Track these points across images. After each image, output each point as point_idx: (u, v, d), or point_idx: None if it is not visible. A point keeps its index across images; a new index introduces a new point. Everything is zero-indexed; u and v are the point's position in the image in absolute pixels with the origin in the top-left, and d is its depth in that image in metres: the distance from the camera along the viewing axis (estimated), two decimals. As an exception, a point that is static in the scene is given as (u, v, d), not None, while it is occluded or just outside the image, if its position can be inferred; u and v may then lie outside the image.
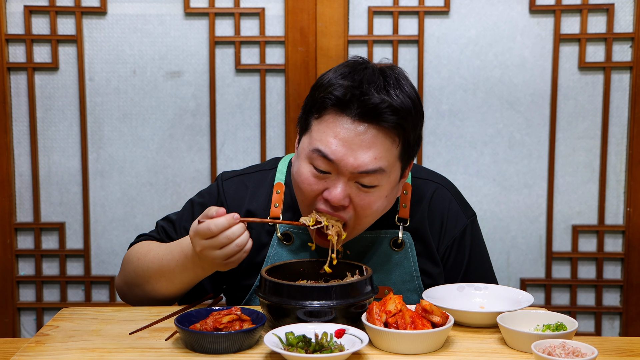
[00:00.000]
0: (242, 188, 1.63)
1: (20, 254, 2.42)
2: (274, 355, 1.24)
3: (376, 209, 1.44)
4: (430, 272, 1.58)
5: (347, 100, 1.36)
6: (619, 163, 2.37)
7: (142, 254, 1.57)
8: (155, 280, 1.53)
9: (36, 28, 2.33)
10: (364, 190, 1.41)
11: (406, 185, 1.58)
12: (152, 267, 1.53)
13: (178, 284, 1.51)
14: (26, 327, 2.44)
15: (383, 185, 1.41)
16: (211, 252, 1.38)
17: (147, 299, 1.58)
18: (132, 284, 1.59)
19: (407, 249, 1.55)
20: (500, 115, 2.35)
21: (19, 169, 2.38)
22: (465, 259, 1.61)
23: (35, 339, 1.35)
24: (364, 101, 1.35)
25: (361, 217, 1.44)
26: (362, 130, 1.37)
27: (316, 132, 1.40)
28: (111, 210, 2.40)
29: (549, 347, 1.21)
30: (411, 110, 1.39)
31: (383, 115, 1.36)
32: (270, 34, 2.34)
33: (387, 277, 1.56)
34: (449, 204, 1.62)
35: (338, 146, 1.37)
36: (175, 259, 1.49)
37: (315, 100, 1.41)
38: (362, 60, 1.45)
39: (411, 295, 1.56)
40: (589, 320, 2.42)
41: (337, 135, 1.37)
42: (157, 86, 2.35)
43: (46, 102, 2.36)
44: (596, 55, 2.33)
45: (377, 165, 1.38)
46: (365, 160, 1.37)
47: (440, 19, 2.33)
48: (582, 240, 2.40)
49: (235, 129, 2.37)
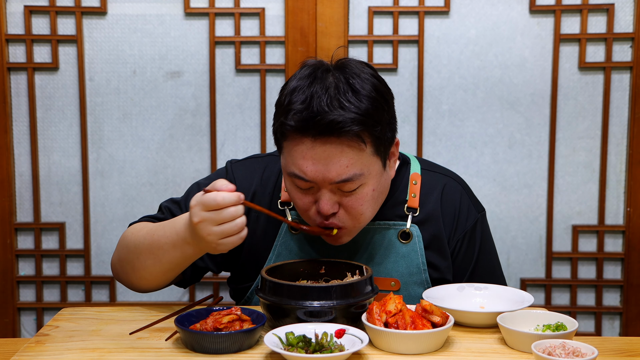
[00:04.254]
0: (251, 171, 1.64)
1: (20, 254, 2.42)
2: (274, 355, 1.24)
3: (367, 204, 1.45)
4: (437, 265, 1.58)
5: (302, 126, 1.38)
6: (619, 163, 2.37)
7: (137, 229, 1.55)
8: (144, 256, 1.49)
9: (36, 28, 2.33)
10: (348, 194, 1.43)
11: (415, 175, 1.61)
12: (144, 242, 1.49)
13: (165, 263, 1.46)
14: (26, 327, 2.44)
15: (366, 184, 1.44)
16: (208, 227, 1.31)
17: (136, 278, 1.53)
18: (124, 259, 1.55)
19: (414, 241, 1.56)
20: (500, 115, 2.35)
21: (19, 169, 2.38)
22: (475, 254, 1.61)
23: (35, 339, 1.35)
24: (317, 122, 1.36)
25: (356, 216, 1.46)
26: (326, 147, 1.38)
27: (287, 155, 1.44)
28: (111, 210, 2.40)
29: (549, 347, 1.21)
30: (369, 109, 1.39)
31: (341, 130, 1.36)
32: (270, 34, 2.34)
33: (393, 269, 1.56)
34: (461, 197, 1.63)
35: (309, 166, 1.40)
36: (167, 235, 1.44)
37: (278, 127, 1.44)
38: (314, 65, 1.45)
39: (417, 289, 1.56)
40: (589, 320, 2.42)
41: (305, 156, 1.40)
42: (157, 86, 2.36)
43: (46, 102, 2.36)
44: (596, 55, 2.33)
45: (351, 172, 1.40)
46: (339, 171, 1.39)
47: (440, 19, 2.33)
48: (582, 240, 2.40)
49: (235, 129, 2.37)
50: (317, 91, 1.38)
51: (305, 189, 1.44)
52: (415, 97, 2.34)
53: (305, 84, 1.41)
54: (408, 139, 2.35)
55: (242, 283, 1.66)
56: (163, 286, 1.57)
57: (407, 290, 1.56)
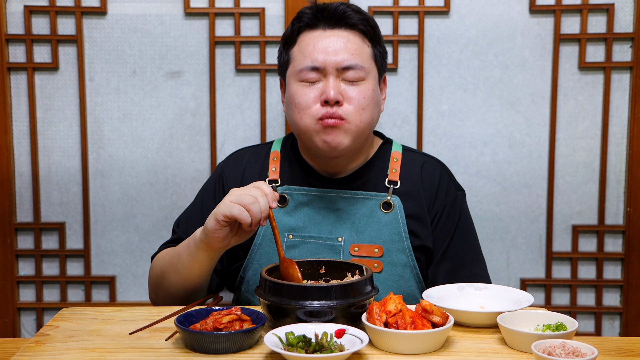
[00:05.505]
0: (240, 158, 1.81)
1: (20, 254, 2.42)
2: (274, 355, 1.24)
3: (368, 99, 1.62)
4: (418, 233, 1.68)
5: (313, 17, 1.64)
6: (619, 163, 2.37)
7: (162, 256, 1.68)
8: (167, 273, 1.61)
9: (36, 28, 2.33)
10: (352, 85, 1.61)
11: (396, 154, 1.75)
12: (167, 260, 1.62)
13: (182, 271, 1.56)
14: (26, 327, 2.44)
15: (367, 80, 1.62)
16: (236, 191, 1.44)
17: (170, 298, 1.64)
18: (156, 286, 1.67)
19: (396, 210, 1.66)
20: (500, 115, 2.35)
21: (19, 169, 2.38)
22: (454, 227, 1.71)
23: (35, 339, 1.35)
24: (327, 10, 1.64)
25: (359, 109, 1.61)
26: (334, 34, 1.63)
27: (298, 54, 1.64)
28: (111, 210, 2.40)
29: (549, 347, 1.21)
30: (369, 18, 1.67)
31: (346, 16, 1.63)
32: (270, 34, 2.34)
33: (377, 237, 1.65)
34: (440, 175, 1.75)
35: (319, 54, 1.61)
36: (185, 244, 1.57)
37: (287, 36, 1.68)
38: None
39: (400, 256, 1.65)
40: (589, 320, 2.42)
41: (315, 46, 1.62)
42: (157, 86, 2.35)
43: (46, 102, 2.36)
44: (596, 55, 2.33)
45: (354, 60, 1.61)
46: (345, 56, 1.60)
47: (440, 19, 2.33)
48: (582, 240, 2.40)
49: (235, 129, 2.37)
50: (326, 4, 1.66)
51: (312, 82, 1.61)
52: (415, 97, 2.34)
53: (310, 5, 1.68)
54: (408, 139, 2.35)
55: (233, 263, 1.73)
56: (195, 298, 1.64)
57: (390, 257, 1.65)
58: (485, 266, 1.75)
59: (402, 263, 1.65)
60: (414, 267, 1.65)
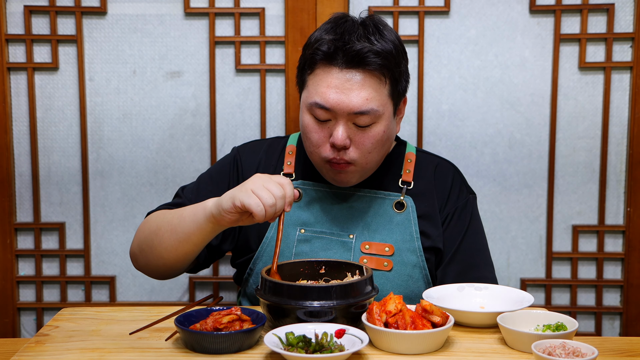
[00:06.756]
0: (255, 149, 1.80)
1: (20, 254, 2.42)
2: (274, 355, 1.25)
3: (376, 143, 1.59)
4: (429, 234, 1.68)
5: (332, 52, 1.54)
6: (619, 163, 2.37)
7: (161, 213, 1.65)
8: (162, 231, 1.57)
9: (36, 28, 2.33)
10: (362, 130, 1.57)
11: (410, 154, 1.76)
12: (166, 219, 1.59)
13: (180, 233, 1.53)
14: (26, 327, 2.44)
15: (378, 122, 1.57)
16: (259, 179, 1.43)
17: (154, 258, 1.60)
18: (143, 242, 1.63)
19: (408, 211, 1.67)
20: (500, 115, 2.35)
21: (19, 169, 2.38)
22: (465, 229, 1.72)
23: (35, 339, 1.35)
24: (347, 50, 1.52)
25: (365, 153, 1.59)
26: (351, 76, 1.54)
27: (312, 85, 1.58)
28: (111, 210, 2.40)
29: (549, 347, 1.21)
30: (392, 50, 1.56)
31: (367, 59, 1.52)
32: (270, 34, 2.34)
33: (388, 236, 1.66)
34: (453, 177, 1.77)
35: (332, 94, 1.53)
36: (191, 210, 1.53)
37: (306, 58, 1.60)
38: (343, 14, 1.63)
39: (410, 256, 1.66)
40: (589, 321, 2.42)
41: (330, 85, 1.54)
42: (157, 86, 2.35)
43: (46, 102, 2.36)
44: (596, 55, 2.33)
45: (369, 106, 1.54)
46: (359, 102, 1.53)
47: (440, 19, 2.33)
48: (582, 240, 2.40)
49: (235, 129, 2.37)
50: (347, 28, 1.56)
51: (322, 121, 1.57)
52: (415, 97, 2.34)
53: (336, 24, 1.59)
54: (408, 139, 2.35)
55: (244, 255, 1.73)
56: (179, 268, 1.63)
57: (400, 256, 1.65)
58: (493, 269, 1.75)
59: (412, 263, 1.65)
60: (424, 268, 1.66)
